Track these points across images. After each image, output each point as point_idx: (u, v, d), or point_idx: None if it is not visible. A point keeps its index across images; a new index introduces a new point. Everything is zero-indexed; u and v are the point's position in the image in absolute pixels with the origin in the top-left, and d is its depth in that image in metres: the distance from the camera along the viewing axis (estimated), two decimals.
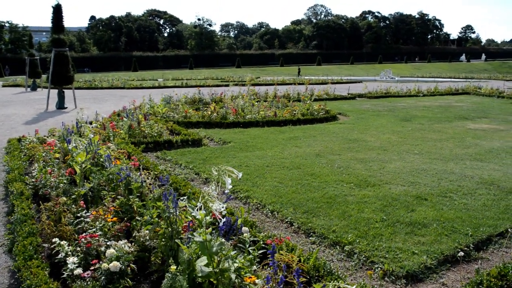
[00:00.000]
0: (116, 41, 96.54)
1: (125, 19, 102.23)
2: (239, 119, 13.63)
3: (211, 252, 3.37)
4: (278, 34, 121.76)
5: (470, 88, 30.60)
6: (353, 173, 7.76)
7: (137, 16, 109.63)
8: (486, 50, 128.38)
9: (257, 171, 7.90)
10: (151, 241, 4.45)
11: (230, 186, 3.60)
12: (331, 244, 4.93)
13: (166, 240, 4.17)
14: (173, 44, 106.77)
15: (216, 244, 3.40)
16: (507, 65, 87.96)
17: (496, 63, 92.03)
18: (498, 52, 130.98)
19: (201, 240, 3.35)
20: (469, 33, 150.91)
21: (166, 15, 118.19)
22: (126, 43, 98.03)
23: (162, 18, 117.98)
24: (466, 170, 8.19)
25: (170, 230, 4.16)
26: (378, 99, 24.03)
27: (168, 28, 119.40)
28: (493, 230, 5.35)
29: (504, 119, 16.10)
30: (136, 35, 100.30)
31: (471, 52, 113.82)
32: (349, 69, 74.03)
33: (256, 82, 36.43)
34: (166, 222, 4.19)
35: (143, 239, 4.48)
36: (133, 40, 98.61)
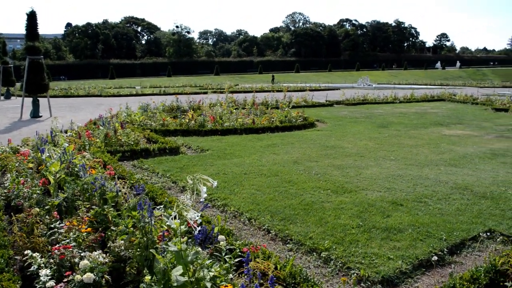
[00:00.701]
0: (93, 48, 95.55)
1: (102, 26, 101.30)
2: (217, 126, 13.62)
3: (187, 261, 3.34)
4: (256, 41, 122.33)
5: (445, 95, 31.20)
6: (330, 180, 7.82)
7: (114, 23, 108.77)
8: (461, 57, 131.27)
9: (234, 178, 7.89)
10: (126, 251, 4.39)
11: (205, 195, 3.58)
12: (308, 251, 4.94)
13: (141, 250, 4.12)
14: (151, 51, 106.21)
15: (192, 253, 3.38)
16: (481, 73, 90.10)
17: (470, 71, 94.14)
18: (472, 60, 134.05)
19: (176, 250, 3.32)
20: (444, 41, 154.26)
21: (144, 22, 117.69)
22: (103, 51, 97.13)
23: (140, 25, 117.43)
24: (441, 175, 8.33)
25: (145, 240, 4.11)
26: (355, 106, 24.31)
27: (146, 36, 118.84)
28: (467, 234, 5.44)
29: (478, 125, 16.45)
30: (114, 42, 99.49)
31: (446, 60, 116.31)
32: (327, 76, 74.72)
33: (234, 90, 36.49)
34: (141, 232, 4.14)
35: (118, 250, 4.42)
36: (111, 48, 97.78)
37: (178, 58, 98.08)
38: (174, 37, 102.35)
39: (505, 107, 22.98)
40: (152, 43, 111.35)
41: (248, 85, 46.41)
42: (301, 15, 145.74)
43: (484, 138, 13.13)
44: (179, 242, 3.38)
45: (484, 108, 23.75)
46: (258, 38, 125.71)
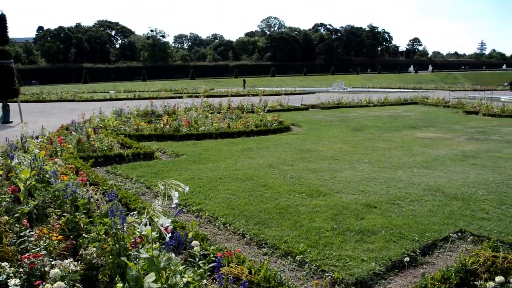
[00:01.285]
0: (66, 52, 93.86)
1: (74, 30, 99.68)
2: (192, 131, 13.54)
3: (159, 267, 3.31)
4: (232, 45, 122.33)
5: (418, 98, 31.79)
6: (305, 183, 7.86)
7: (87, 27, 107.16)
8: (433, 61, 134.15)
9: (210, 183, 7.85)
10: (98, 258, 4.31)
11: (177, 200, 3.54)
12: (283, 255, 4.95)
13: (114, 257, 4.06)
14: (125, 55, 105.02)
15: (164, 259, 3.34)
16: (452, 76, 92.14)
17: (442, 74, 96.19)
18: (444, 64, 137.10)
19: (148, 256, 3.28)
20: (416, 46, 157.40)
21: (118, 26, 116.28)
22: (76, 55, 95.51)
23: (113, 29, 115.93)
24: (414, 177, 8.47)
25: (118, 247, 4.05)
26: (330, 110, 24.54)
27: (120, 39, 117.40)
28: (438, 235, 5.54)
29: (450, 127, 16.80)
30: (87, 46, 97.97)
31: (418, 64, 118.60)
32: (303, 80, 75.21)
33: (210, 94, 36.39)
34: (113, 239, 4.08)
35: (90, 257, 4.34)
36: (84, 52, 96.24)
37: (153, 62, 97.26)
38: (148, 41, 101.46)
39: (476, 109, 23.56)
40: (126, 47, 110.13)
41: (223, 89, 46.36)
42: (276, 20, 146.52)
43: (456, 141, 13.42)
44: (151, 249, 3.34)
45: (456, 111, 24.29)
46: (234, 42, 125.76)
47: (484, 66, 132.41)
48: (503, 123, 18.63)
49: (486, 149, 11.80)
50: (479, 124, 18.05)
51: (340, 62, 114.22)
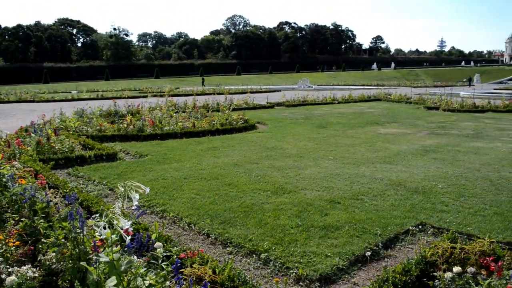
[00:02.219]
0: (25, 51, 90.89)
1: (34, 28, 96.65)
2: (156, 131, 13.37)
3: (120, 271, 3.24)
4: (197, 44, 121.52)
5: (381, 95, 32.43)
6: (270, 181, 7.88)
7: (47, 25, 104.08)
8: (395, 59, 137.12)
9: (174, 183, 7.77)
10: (58, 264, 4.19)
11: (137, 202, 3.49)
12: (248, 253, 4.95)
13: (74, 262, 3.96)
14: (87, 54, 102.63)
15: (125, 262, 3.28)
16: (414, 73, 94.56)
17: (404, 71, 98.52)
18: (406, 61, 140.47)
19: (108, 260, 3.21)
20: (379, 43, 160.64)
21: (80, 24, 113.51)
22: (36, 54, 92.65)
23: (75, 28, 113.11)
24: (376, 172, 8.63)
25: (78, 251, 3.95)
26: (296, 107, 24.72)
27: (82, 38, 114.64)
28: (400, 228, 5.66)
29: (411, 123, 17.22)
30: (47, 45, 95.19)
31: (381, 61, 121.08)
32: (268, 78, 75.50)
33: (175, 93, 36.03)
34: (73, 243, 3.98)
35: (49, 263, 4.22)
36: (44, 51, 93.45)
37: (117, 61, 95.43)
38: (111, 40, 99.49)
39: (436, 105, 24.24)
40: (88, 46, 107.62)
41: (189, 88, 46.04)
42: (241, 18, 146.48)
43: (417, 136, 13.75)
44: (111, 252, 3.27)
45: (417, 107, 24.92)
46: (199, 41, 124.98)
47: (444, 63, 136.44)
48: (462, 118, 19.24)
49: (446, 144, 12.15)
50: (439, 119, 18.58)
51: (305, 60, 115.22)
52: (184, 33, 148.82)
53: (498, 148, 11.42)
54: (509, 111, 22.16)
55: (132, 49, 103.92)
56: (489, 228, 5.64)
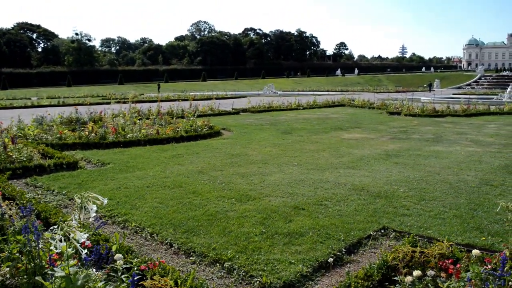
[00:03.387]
0: None
1: None
2: (119, 138, 13.10)
3: (76, 285, 3.13)
4: (162, 50, 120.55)
5: (345, 100, 32.97)
6: (234, 188, 7.83)
7: (5, 29, 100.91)
8: (358, 65, 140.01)
9: (137, 192, 7.62)
10: (12, 279, 4.02)
11: (94, 214, 3.38)
12: (211, 262, 4.88)
13: (29, 277, 3.80)
14: (48, 60, 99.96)
15: (82, 276, 3.17)
16: (376, 79, 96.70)
17: (367, 77, 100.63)
18: (369, 67, 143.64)
19: (64, 275, 3.10)
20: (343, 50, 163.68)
21: (40, 29, 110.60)
22: None
23: (35, 32, 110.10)
24: (340, 178, 8.72)
25: (33, 266, 3.79)
26: (261, 113, 24.80)
27: (43, 43, 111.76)
28: (363, 233, 5.72)
29: (374, 128, 17.54)
30: (5, 50, 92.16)
31: (345, 67, 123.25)
32: (234, 85, 75.56)
33: (139, 99, 35.57)
34: (28, 257, 3.82)
35: (3, 278, 4.03)
36: (2, 56, 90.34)
37: (79, 67, 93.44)
38: (73, 45, 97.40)
39: (398, 110, 24.82)
40: (49, 51, 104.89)
41: (153, 95, 45.54)
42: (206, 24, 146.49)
43: (380, 141, 14.01)
44: (68, 266, 3.16)
45: (380, 112, 25.45)
46: (163, 47, 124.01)
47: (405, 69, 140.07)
48: (422, 122, 19.75)
49: (407, 148, 12.42)
50: (401, 124, 19.01)
51: (271, 66, 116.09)
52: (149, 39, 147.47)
53: (457, 152, 11.76)
54: (467, 116, 22.93)
55: (95, 55, 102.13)
56: (448, 230, 5.77)
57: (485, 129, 17.18)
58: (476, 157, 10.99)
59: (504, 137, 14.73)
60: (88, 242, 3.44)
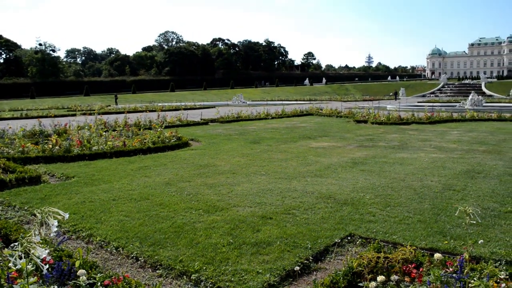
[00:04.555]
0: None
1: None
2: (84, 151, 12.84)
3: None
4: (129, 60, 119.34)
5: (313, 109, 33.35)
6: (202, 199, 7.79)
7: None
8: (326, 74, 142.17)
9: (102, 206, 7.47)
10: None
11: (56, 229, 3.30)
12: (178, 275, 4.83)
13: None
14: (10, 71, 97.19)
15: None
16: (344, 88, 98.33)
17: (335, 86, 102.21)
18: (336, 76, 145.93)
19: None
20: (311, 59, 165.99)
21: (1, 39, 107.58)
22: None
23: None
24: (308, 186, 8.79)
25: None
26: (230, 123, 24.80)
27: (4, 54, 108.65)
28: (330, 241, 5.77)
29: (342, 136, 17.79)
30: None
31: (313, 77, 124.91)
32: (203, 95, 75.42)
33: (106, 111, 35.05)
34: None
35: None
36: None
37: (43, 78, 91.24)
38: (37, 56, 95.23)
39: (365, 118, 25.27)
40: (12, 62, 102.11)
41: (120, 106, 44.91)
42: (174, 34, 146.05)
43: (347, 149, 14.21)
44: (27, 284, 3.07)
45: (347, 121, 25.83)
46: (131, 57, 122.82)
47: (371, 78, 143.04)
48: (388, 130, 20.16)
49: (374, 155, 12.64)
50: (368, 132, 19.34)
51: (240, 76, 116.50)
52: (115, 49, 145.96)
53: (421, 158, 12.05)
54: (431, 123, 23.55)
55: (60, 66, 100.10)
56: (413, 235, 5.89)
57: (448, 136, 17.67)
58: (440, 163, 11.29)
59: (466, 143, 15.19)
60: (49, 258, 3.34)
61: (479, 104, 37.43)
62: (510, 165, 10.94)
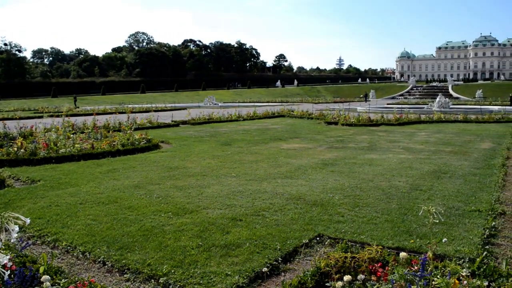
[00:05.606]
0: None
1: None
2: (51, 154, 12.54)
3: None
4: (98, 61, 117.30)
5: (284, 111, 33.54)
6: (171, 202, 7.72)
7: None
8: (298, 76, 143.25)
9: (69, 210, 7.31)
10: None
11: (16, 235, 3.22)
12: (146, 279, 4.77)
13: None
14: None
15: None
16: (315, 90, 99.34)
17: (306, 88, 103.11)
18: (307, 78, 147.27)
19: None
20: (282, 61, 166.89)
21: None
22: None
23: None
24: (278, 188, 8.83)
25: None
26: (201, 125, 24.69)
27: None
28: (299, 242, 5.81)
29: (312, 138, 17.94)
30: None
31: (285, 79, 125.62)
32: (174, 96, 74.82)
33: (74, 113, 34.38)
34: None
35: None
36: None
37: (8, 79, 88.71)
38: (2, 56, 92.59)
39: (335, 120, 25.57)
40: None
41: (89, 107, 44.17)
42: (144, 35, 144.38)
43: (317, 150, 14.34)
44: None
45: (318, 122, 26.09)
46: (100, 58, 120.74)
47: (341, 80, 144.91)
48: (358, 132, 20.46)
49: (343, 157, 12.80)
50: (338, 134, 19.58)
51: (211, 78, 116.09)
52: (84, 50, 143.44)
53: (390, 159, 12.27)
54: (400, 124, 24.03)
55: (26, 66, 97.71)
56: (380, 235, 5.99)
57: (416, 137, 18.06)
58: (407, 163, 11.52)
59: (433, 144, 15.55)
60: (10, 264, 3.25)
61: (446, 106, 38.40)
62: (474, 165, 11.26)
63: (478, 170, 10.60)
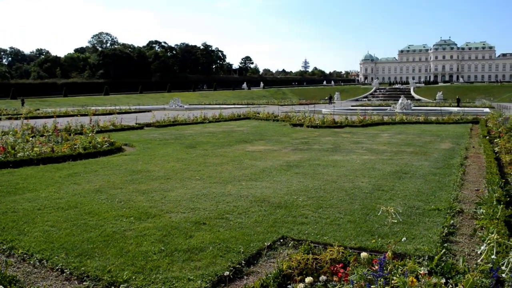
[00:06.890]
0: None
1: None
2: (8, 158, 12.09)
3: None
4: (60, 62, 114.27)
5: (250, 113, 33.60)
6: (134, 206, 7.58)
7: None
8: (264, 78, 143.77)
9: (26, 216, 7.06)
10: None
11: None
12: (106, 286, 4.65)
13: None
14: None
15: None
16: (281, 92, 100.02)
17: (272, 90, 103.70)
18: (274, 81, 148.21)
19: None
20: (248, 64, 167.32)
21: None
22: None
23: None
24: (242, 190, 8.81)
25: None
26: (166, 128, 24.42)
27: None
28: (263, 244, 5.79)
29: (278, 140, 18.03)
30: None
31: (251, 81, 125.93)
32: (138, 98, 73.70)
33: (34, 115, 33.39)
34: None
35: None
36: None
37: None
38: None
39: (301, 122, 25.79)
40: None
41: (50, 110, 42.96)
42: (108, 36, 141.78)
43: (282, 152, 14.41)
44: None
45: (284, 124, 26.25)
46: (62, 59, 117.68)
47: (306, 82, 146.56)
48: (323, 133, 20.70)
49: (308, 158, 12.91)
50: (303, 135, 19.75)
51: (177, 80, 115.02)
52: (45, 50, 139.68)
53: (353, 160, 12.46)
54: (364, 126, 24.48)
55: None
56: (343, 235, 6.06)
57: (379, 138, 18.42)
58: (370, 164, 11.73)
59: (395, 145, 15.90)
60: None
61: (408, 108, 39.39)
62: (434, 165, 11.58)
63: (438, 170, 10.90)
